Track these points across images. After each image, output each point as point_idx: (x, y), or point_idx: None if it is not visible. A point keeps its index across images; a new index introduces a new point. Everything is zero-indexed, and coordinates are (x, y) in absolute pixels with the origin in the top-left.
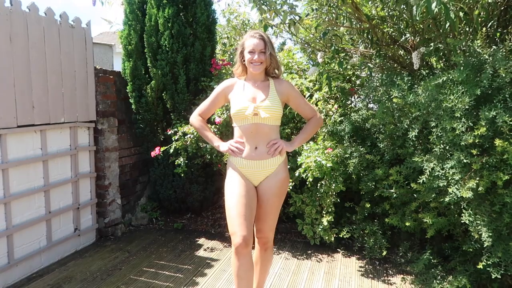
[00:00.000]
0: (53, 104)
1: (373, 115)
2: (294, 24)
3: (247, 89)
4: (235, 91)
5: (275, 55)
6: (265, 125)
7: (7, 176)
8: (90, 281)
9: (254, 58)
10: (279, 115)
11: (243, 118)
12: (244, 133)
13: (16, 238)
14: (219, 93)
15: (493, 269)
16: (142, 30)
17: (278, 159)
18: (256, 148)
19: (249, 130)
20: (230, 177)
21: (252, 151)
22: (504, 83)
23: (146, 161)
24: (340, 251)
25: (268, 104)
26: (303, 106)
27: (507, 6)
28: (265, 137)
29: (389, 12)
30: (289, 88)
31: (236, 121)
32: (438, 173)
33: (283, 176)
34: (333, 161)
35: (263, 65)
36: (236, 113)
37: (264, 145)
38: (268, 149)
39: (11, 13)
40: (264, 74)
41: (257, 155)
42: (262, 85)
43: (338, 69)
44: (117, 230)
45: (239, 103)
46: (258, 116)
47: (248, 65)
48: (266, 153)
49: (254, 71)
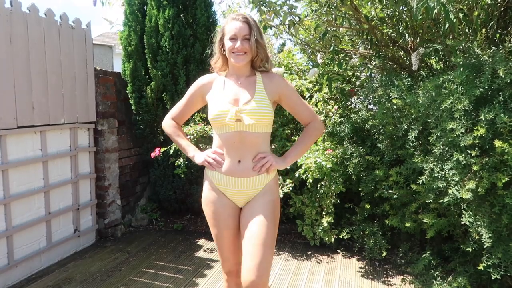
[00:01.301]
0: (53, 105)
1: (373, 116)
2: (294, 25)
3: (228, 88)
4: (214, 91)
5: (263, 43)
6: (251, 133)
7: (7, 177)
8: (90, 282)
9: (236, 47)
10: (268, 120)
11: (223, 125)
12: (225, 143)
13: (16, 239)
14: (193, 93)
15: (493, 270)
16: (142, 31)
17: (266, 177)
18: (240, 162)
19: (231, 140)
20: (207, 197)
21: (233, 165)
22: (503, 84)
23: (146, 162)
24: (340, 252)
25: (253, 107)
26: (299, 107)
27: (506, 7)
28: (252, 148)
29: (389, 13)
30: (281, 84)
31: (215, 129)
32: (438, 174)
33: (272, 197)
34: (333, 162)
35: (247, 56)
36: (214, 119)
37: (249, 158)
38: (254, 163)
39: (11, 14)
40: (250, 68)
41: (240, 170)
42: (247, 82)
43: (337, 70)
44: (117, 231)
45: (218, 106)
46: (242, 122)
47: (229, 55)
48: (251, 168)
49: (237, 63)
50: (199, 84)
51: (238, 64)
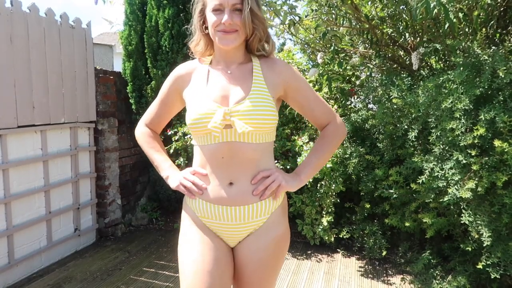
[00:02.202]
0: (54, 104)
1: (372, 115)
2: (294, 24)
3: (213, 81)
4: (193, 85)
5: (261, 15)
6: (247, 145)
7: (8, 176)
8: (90, 281)
9: (224, 21)
10: (271, 126)
11: (205, 134)
12: (210, 158)
13: (16, 238)
14: (168, 90)
15: (492, 269)
16: (143, 30)
17: (270, 204)
18: (231, 185)
19: (218, 155)
20: (185, 234)
21: (222, 190)
22: (503, 84)
23: (146, 162)
24: (340, 251)
25: (249, 108)
26: (312, 104)
27: (506, 7)
28: (248, 165)
29: (389, 13)
30: (287, 73)
31: (196, 138)
32: (438, 173)
33: (280, 232)
34: (333, 162)
35: (239, 35)
36: (194, 124)
37: (246, 179)
38: (253, 186)
39: (12, 14)
40: (243, 52)
41: (232, 196)
42: (241, 72)
43: (337, 70)
44: (117, 230)
45: (198, 107)
46: (233, 129)
47: (214, 34)
48: (249, 193)
49: (225, 46)
50: (173, 76)
51: (227, 46)
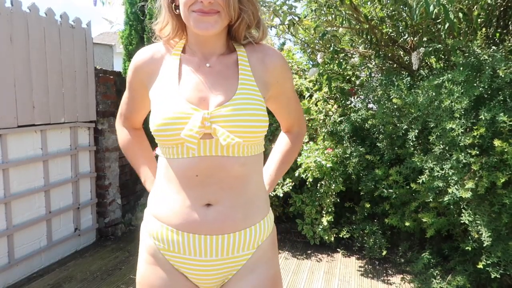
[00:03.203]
0: (54, 104)
1: (372, 115)
2: (294, 24)
3: (187, 77)
4: (161, 79)
5: None
6: (233, 159)
7: (8, 176)
8: (90, 281)
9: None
10: (262, 133)
11: (174, 144)
12: (180, 176)
13: (16, 238)
14: (132, 84)
15: (492, 269)
16: (143, 30)
17: (259, 232)
18: (209, 206)
19: (191, 172)
20: (141, 277)
21: (196, 212)
22: (503, 84)
23: None
24: (340, 251)
25: (235, 112)
26: (293, 106)
27: (506, 6)
28: (233, 183)
29: (388, 13)
30: (281, 71)
31: (162, 149)
32: (438, 173)
33: (272, 271)
34: (332, 161)
35: (221, 18)
36: (160, 131)
37: (230, 199)
38: (239, 208)
39: (12, 14)
40: (225, 40)
41: (210, 221)
42: (222, 66)
43: (337, 70)
44: (117, 230)
45: (167, 109)
46: (213, 140)
47: (188, 16)
48: (233, 217)
49: (202, 31)
50: (134, 66)
51: (205, 32)
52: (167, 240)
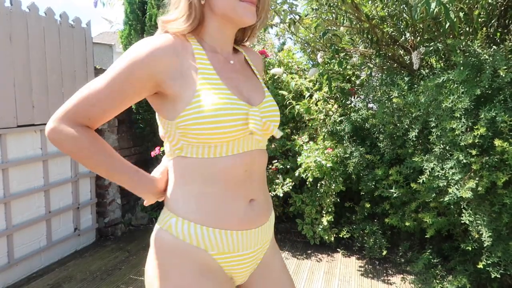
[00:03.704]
0: (53, 104)
1: (373, 115)
2: (294, 23)
3: (221, 71)
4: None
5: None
6: (264, 152)
7: (7, 176)
8: (90, 281)
9: None
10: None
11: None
12: (230, 173)
13: (16, 237)
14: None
15: (492, 269)
16: (143, 30)
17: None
18: (252, 202)
19: (240, 168)
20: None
21: (243, 210)
22: (504, 83)
23: (146, 161)
24: (340, 251)
25: (274, 108)
26: None
27: (507, 6)
28: (263, 175)
29: (389, 12)
30: (262, 70)
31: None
32: (438, 173)
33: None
34: (333, 161)
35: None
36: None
37: (263, 191)
38: (266, 196)
39: (11, 13)
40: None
41: (255, 216)
42: (240, 64)
43: (338, 69)
44: (117, 230)
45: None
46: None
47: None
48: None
49: (251, 20)
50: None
51: (252, 21)
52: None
